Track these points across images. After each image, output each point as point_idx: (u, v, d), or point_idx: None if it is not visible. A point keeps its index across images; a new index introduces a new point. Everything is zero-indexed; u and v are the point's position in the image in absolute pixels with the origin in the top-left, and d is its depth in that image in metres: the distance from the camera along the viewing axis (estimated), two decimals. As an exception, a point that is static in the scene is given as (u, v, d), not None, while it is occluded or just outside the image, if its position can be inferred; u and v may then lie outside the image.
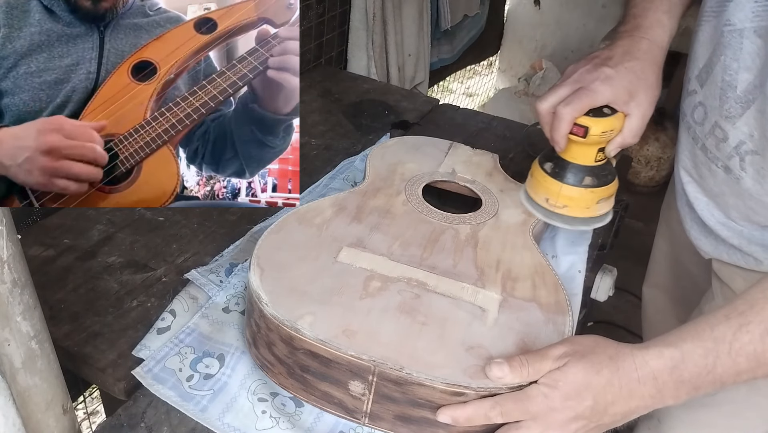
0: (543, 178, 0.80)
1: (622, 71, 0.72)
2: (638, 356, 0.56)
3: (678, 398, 0.56)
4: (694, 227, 0.82)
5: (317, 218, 0.75)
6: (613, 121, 0.73)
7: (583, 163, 0.77)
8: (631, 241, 1.41)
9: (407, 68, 1.71)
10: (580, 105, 0.72)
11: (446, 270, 0.70)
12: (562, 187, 0.79)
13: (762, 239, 0.73)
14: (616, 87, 0.72)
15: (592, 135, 0.73)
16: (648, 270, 1.10)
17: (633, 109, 0.73)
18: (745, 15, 0.65)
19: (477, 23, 2.06)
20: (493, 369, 0.57)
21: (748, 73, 0.66)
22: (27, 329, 0.53)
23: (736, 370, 0.55)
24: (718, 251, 0.79)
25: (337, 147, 1.12)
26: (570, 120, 0.73)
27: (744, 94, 0.67)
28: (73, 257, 0.82)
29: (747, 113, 0.67)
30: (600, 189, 0.79)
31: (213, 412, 0.64)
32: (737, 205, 0.73)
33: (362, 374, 0.58)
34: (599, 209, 0.80)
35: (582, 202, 0.79)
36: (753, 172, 0.69)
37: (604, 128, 0.73)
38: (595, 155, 0.77)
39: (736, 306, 0.56)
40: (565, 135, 0.74)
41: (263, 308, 0.62)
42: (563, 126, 0.73)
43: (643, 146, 2.53)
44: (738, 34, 0.66)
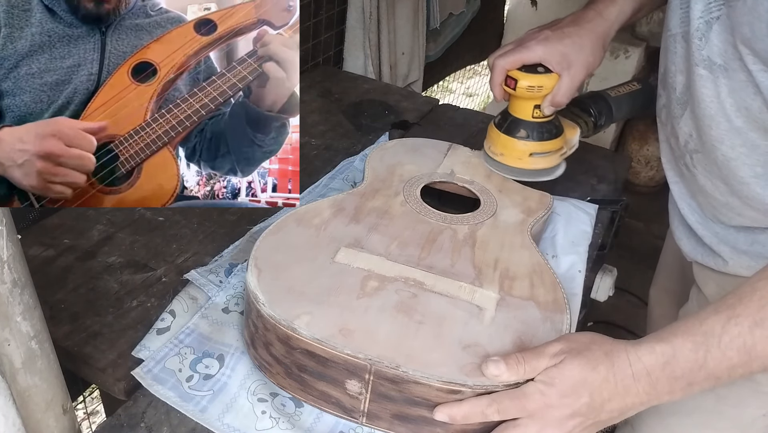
0: (491, 129, 0.91)
1: (559, 35, 0.80)
2: (632, 352, 0.56)
3: (673, 394, 0.56)
4: (679, 228, 0.83)
5: (315, 219, 0.75)
6: (542, 78, 0.81)
7: (521, 117, 0.86)
8: (631, 241, 1.42)
9: (400, 66, 1.71)
10: (513, 59, 0.81)
11: (444, 270, 0.70)
12: (499, 136, 0.89)
13: (734, 240, 0.74)
14: (550, 48, 0.80)
15: (519, 87, 0.81)
16: (656, 272, 1.10)
17: (564, 71, 0.81)
18: (675, 21, 0.70)
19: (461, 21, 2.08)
20: (490, 367, 0.57)
21: (681, 75, 0.70)
22: (27, 329, 0.54)
23: (729, 364, 0.55)
24: (696, 252, 0.80)
25: (337, 147, 1.12)
26: (501, 71, 0.82)
27: (681, 96, 0.71)
28: (73, 257, 0.83)
29: (685, 114, 0.71)
30: (532, 143, 0.87)
31: (213, 412, 0.64)
32: (704, 202, 0.76)
33: (359, 373, 0.59)
34: (533, 163, 0.88)
35: (515, 153, 0.88)
36: (702, 170, 0.72)
37: (531, 83, 0.81)
38: (532, 111, 0.85)
39: (726, 300, 0.56)
40: (497, 85, 0.83)
41: (260, 308, 0.62)
42: (495, 76, 0.83)
43: (643, 146, 2.53)
44: (673, 39, 0.71)
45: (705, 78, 0.65)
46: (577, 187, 1.03)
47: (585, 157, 1.12)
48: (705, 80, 0.65)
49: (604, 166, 1.11)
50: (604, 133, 2.43)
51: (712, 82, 0.65)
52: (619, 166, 1.13)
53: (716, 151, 0.68)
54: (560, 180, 0.91)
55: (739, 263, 0.74)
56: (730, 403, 0.80)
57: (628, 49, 2.28)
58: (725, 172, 0.69)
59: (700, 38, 0.64)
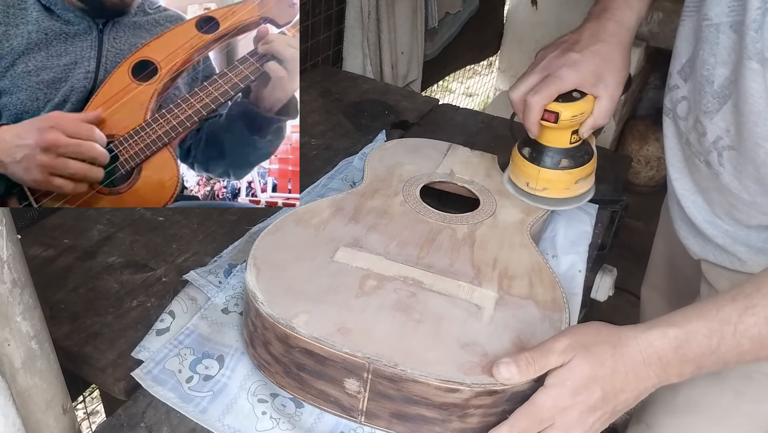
0: (522, 163, 0.83)
1: (588, 55, 0.75)
2: (641, 338, 0.56)
3: (682, 376, 0.57)
4: (683, 227, 0.82)
5: (314, 219, 0.75)
6: (582, 104, 0.76)
7: (559, 146, 0.80)
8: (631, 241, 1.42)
9: (400, 66, 1.71)
10: (548, 92, 0.74)
11: (443, 269, 0.70)
12: (540, 171, 0.82)
13: (747, 238, 0.73)
14: (583, 71, 0.74)
15: (563, 120, 0.76)
16: (647, 271, 1.10)
17: (601, 91, 0.76)
18: (721, 10, 0.66)
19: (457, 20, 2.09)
20: (502, 370, 0.57)
21: (724, 68, 0.66)
22: (27, 329, 0.54)
23: (740, 351, 0.55)
24: (705, 251, 0.79)
25: (337, 147, 1.12)
26: (540, 108, 0.75)
27: (720, 90, 0.67)
28: (73, 257, 0.83)
29: (724, 108, 0.68)
30: (577, 170, 0.82)
31: (213, 413, 0.64)
32: (720, 201, 0.74)
33: (357, 372, 0.59)
34: (579, 189, 0.84)
35: (561, 184, 0.82)
36: (731, 168, 0.70)
37: (573, 112, 0.76)
38: (570, 138, 0.80)
39: (743, 289, 0.56)
40: (536, 122, 0.77)
41: (259, 307, 0.62)
42: (534, 114, 0.76)
43: (643, 146, 2.53)
44: (715, 29, 0.67)
45: (756, 72, 0.62)
46: (576, 187, 1.03)
47: (584, 156, 1.13)
48: (756, 74, 0.62)
49: (604, 166, 1.10)
50: (604, 133, 2.42)
51: (762, 76, 0.62)
52: (619, 166, 1.13)
53: (758, 150, 0.65)
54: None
55: (758, 261, 0.73)
56: (748, 399, 0.80)
57: (628, 49, 2.28)
58: (764, 172, 0.66)
59: (757, 30, 0.60)
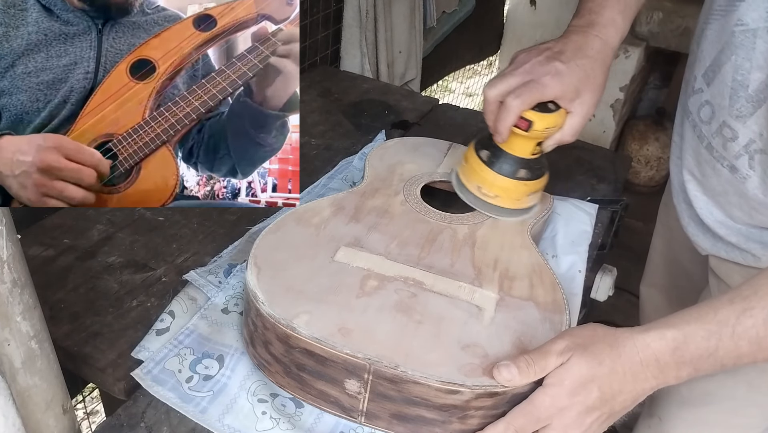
0: (478, 165, 0.79)
1: (573, 68, 0.72)
2: (639, 339, 0.56)
3: (680, 378, 0.57)
4: (692, 224, 0.82)
5: (315, 218, 0.75)
6: (556, 117, 0.73)
7: (520, 156, 0.77)
8: (631, 241, 1.42)
9: (397, 65, 1.71)
10: (530, 98, 0.71)
11: (443, 269, 0.70)
12: (496, 177, 0.78)
13: (760, 236, 0.73)
14: (566, 83, 0.72)
15: (534, 130, 0.72)
16: (645, 269, 1.10)
17: (576, 108, 0.73)
18: (759, 15, 0.65)
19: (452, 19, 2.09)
20: (502, 372, 0.57)
21: (760, 72, 0.66)
22: (27, 329, 0.54)
23: (738, 353, 0.55)
24: (716, 248, 0.79)
25: (337, 147, 1.12)
26: (518, 112, 0.71)
27: (756, 93, 0.67)
28: (73, 257, 0.83)
29: (758, 112, 0.68)
30: (533, 182, 0.79)
31: (213, 413, 0.64)
32: (740, 204, 0.74)
33: (357, 373, 0.59)
34: (528, 202, 0.81)
35: (514, 194, 0.79)
36: (761, 171, 0.70)
37: (547, 124, 0.72)
38: (533, 149, 0.76)
39: (741, 291, 0.56)
40: (509, 127, 0.73)
41: (260, 306, 0.62)
42: (510, 118, 0.72)
43: (643, 146, 2.53)
44: (751, 34, 0.66)
45: None
46: (577, 187, 1.03)
47: (585, 157, 1.13)
48: None
49: (604, 166, 1.11)
50: (604, 133, 2.43)
51: None
52: (619, 166, 1.13)
53: None
54: (560, 180, 0.90)
55: None
56: (762, 391, 0.81)
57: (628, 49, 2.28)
58: None
59: None
